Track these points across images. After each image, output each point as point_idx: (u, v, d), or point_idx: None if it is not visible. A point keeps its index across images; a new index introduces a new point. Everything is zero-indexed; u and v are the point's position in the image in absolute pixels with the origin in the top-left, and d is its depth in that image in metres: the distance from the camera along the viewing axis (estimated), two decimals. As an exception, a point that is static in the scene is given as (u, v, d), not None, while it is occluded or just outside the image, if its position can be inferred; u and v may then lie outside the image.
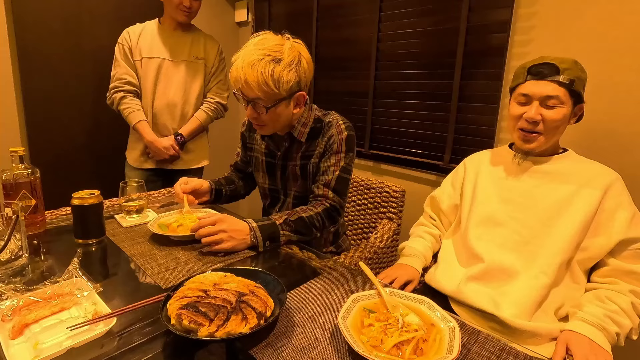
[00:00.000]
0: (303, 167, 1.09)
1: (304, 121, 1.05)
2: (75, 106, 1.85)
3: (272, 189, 1.19)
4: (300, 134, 1.06)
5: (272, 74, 0.89)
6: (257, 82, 0.89)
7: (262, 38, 0.93)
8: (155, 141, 1.59)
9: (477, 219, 0.96)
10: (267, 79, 0.89)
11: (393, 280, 0.96)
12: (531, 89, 0.87)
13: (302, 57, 0.94)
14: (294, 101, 0.98)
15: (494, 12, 1.35)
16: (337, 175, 1.04)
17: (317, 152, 1.06)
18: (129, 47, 1.57)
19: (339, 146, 1.04)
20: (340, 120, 1.06)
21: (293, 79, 0.92)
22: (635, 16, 1.06)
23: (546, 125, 0.86)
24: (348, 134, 1.05)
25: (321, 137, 1.06)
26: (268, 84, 0.89)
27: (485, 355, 0.57)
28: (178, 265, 0.80)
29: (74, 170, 1.89)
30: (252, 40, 0.93)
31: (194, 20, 1.71)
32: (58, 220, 1.04)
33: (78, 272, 0.71)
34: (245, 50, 0.91)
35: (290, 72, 0.91)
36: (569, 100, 0.85)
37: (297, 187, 1.13)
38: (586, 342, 0.73)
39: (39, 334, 0.56)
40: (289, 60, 0.91)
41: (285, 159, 1.11)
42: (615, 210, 0.82)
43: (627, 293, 0.79)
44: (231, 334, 0.54)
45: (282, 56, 0.90)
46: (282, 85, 0.91)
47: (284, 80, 0.90)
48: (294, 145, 1.09)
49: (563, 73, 0.83)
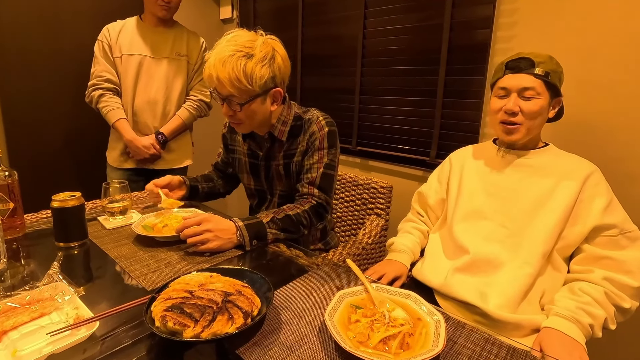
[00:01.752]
0: (286, 166, 1.08)
1: (284, 119, 1.04)
2: (55, 106, 1.79)
3: (258, 189, 1.19)
4: (281, 133, 1.05)
5: (244, 69, 0.88)
6: (229, 78, 0.88)
7: (235, 35, 0.92)
8: (134, 140, 1.55)
9: (462, 213, 0.98)
10: (239, 75, 0.88)
11: (381, 276, 0.97)
12: (509, 82, 0.90)
13: (276, 52, 0.93)
14: (270, 98, 0.97)
15: (477, 8, 1.36)
16: (321, 173, 1.04)
17: (300, 150, 1.06)
18: (108, 44, 1.54)
19: (321, 143, 1.03)
20: (320, 117, 1.06)
21: (267, 75, 0.91)
22: (613, 13, 1.09)
23: (525, 116, 0.89)
24: (329, 130, 1.04)
25: (302, 135, 1.05)
26: (240, 80, 0.88)
27: (470, 347, 0.58)
28: (163, 266, 0.79)
29: (55, 172, 1.83)
30: (225, 38, 0.92)
31: (178, 17, 1.67)
32: (38, 224, 1.01)
33: (58, 276, 0.69)
34: (218, 47, 0.90)
35: (263, 67, 0.90)
36: (546, 92, 0.88)
37: (282, 187, 1.12)
38: (558, 339, 0.74)
39: (17, 341, 0.54)
40: (261, 55, 0.90)
41: (268, 159, 1.10)
42: (592, 199, 0.85)
43: (601, 281, 0.81)
44: (217, 334, 0.53)
45: (254, 52, 0.89)
46: (255, 81, 0.90)
47: (256, 75, 0.89)
48: (276, 144, 1.08)
49: (538, 66, 0.87)
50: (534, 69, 0.87)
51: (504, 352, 0.57)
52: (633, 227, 0.83)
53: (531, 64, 0.87)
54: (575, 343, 0.74)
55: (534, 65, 0.87)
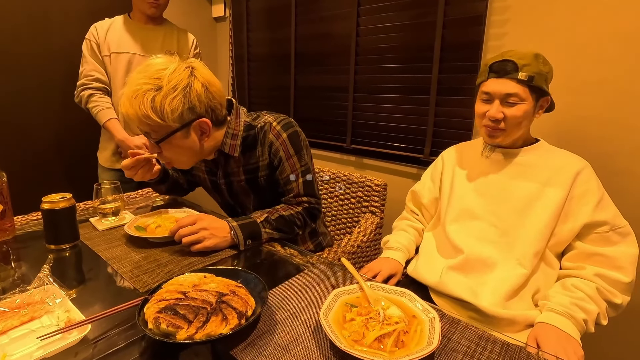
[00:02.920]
0: (251, 182, 1.01)
1: (233, 132, 0.95)
2: (45, 106, 1.77)
3: (226, 205, 1.14)
4: (232, 148, 0.95)
5: (152, 104, 0.78)
6: (137, 116, 0.80)
7: (147, 64, 0.82)
8: (126, 139, 1.53)
9: (455, 212, 0.98)
10: (146, 111, 0.78)
11: (376, 274, 0.97)
12: (492, 87, 0.88)
13: (194, 79, 0.82)
14: (194, 130, 0.86)
15: (469, 6, 1.36)
16: (301, 182, 0.99)
17: (263, 165, 0.98)
18: (96, 42, 1.51)
19: (286, 151, 0.96)
20: (273, 122, 0.96)
21: (180, 107, 0.80)
22: (602, 10, 1.10)
23: (507, 122, 0.88)
24: (289, 134, 0.96)
25: (260, 147, 0.97)
26: (149, 117, 0.79)
27: (464, 344, 0.58)
28: (156, 267, 0.78)
29: (45, 173, 1.81)
30: (138, 68, 0.83)
31: (170, 16, 1.66)
32: (29, 226, 1.00)
33: (49, 279, 0.68)
34: (129, 80, 0.82)
35: (174, 99, 0.79)
36: (530, 96, 0.86)
37: (252, 202, 1.06)
38: (553, 334, 0.75)
39: (7, 346, 0.54)
40: (170, 87, 0.79)
41: (227, 176, 1.03)
42: (583, 196, 0.85)
43: (593, 278, 0.82)
44: (211, 335, 0.53)
45: (162, 83, 0.79)
46: (167, 116, 0.80)
47: (166, 110, 0.79)
48: (231, 160, 0.99)
49: (522, 70, 0.84)
50: (517, 73, 0.84)
51: (499, 348, 0.57)
52: (624, 222, 0.84)
53: (514, 67, 0.84)
54: (570, 338, 0.75)
55: (518, 69, 0.84)
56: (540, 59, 0.86)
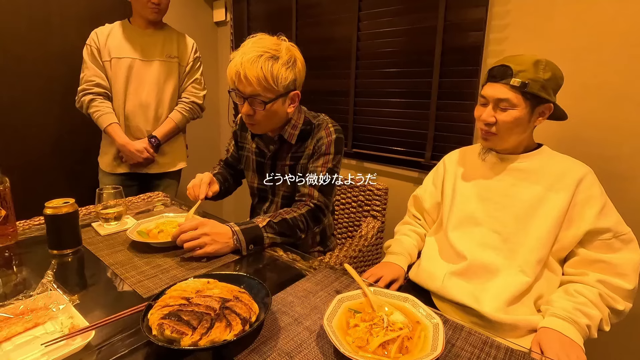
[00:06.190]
0: (292, 168, 1.11)
1: (294, 123, 1.08)
2: (46, 111, 1.77)
3: (261, 189, 1.20)
4: (290, 136, 1.08)
5: (271, 70, 0.92)
6: (256, 77, 0.92)
7: (260, 38, 0.97)
8: (127, 144, 1.54)
9: (457, 218, 0.98)
10: (266, 75, 0.92)
11: (378, 278, 0.97)
12: (487, 92, 0.89)
13: (297, 58, 0.99)
14: (289, 99, 1.01)
15: (470, 10, 1.37)
16: (323, 176, 1.06)
17: (306, 154, 1.08)
18: (97, 48, 1.52)
19: (328, 148, 1.06)
20: (329, 123, 1.09)
21: (290, 77, 0.96)
22: (603, 14, 1.10)
23: (499, 127, 0.89)
24: (337, 137, 1.07)
25: (310, 139, 1.08)
26: (267, 80, 0.92)
27: (468, 350, 0.58)
28: (159, 272, 0.78)
29: (46, 178, 1.81)
30: (250, 40, 0.97)
31: (171, 21, 1.66)
32: (31, 231, 1.00)
33: (52, 285, 0.68)
34: (244, 48, 0.95)
35: (287, 70, 0.95)
36: (523, 103, 0.85)
37: (285, 187, 1.13)
38: (556, 339, 0.75)
39: (11, 352, 0.54)
40: (286, 58, 0.95)
41: (274, 159, 1.13)
42: (586, 202, 0.84)
43: (595, 284, 0.82)
44: (215, 341, 0.53)
45: (280, 54, 0.94)
46: (280, 82, 0.94)
47: (282, 77, 0.94)
48: (284, 146, 1.10)
49: (516, 76, 0.83)
50: (511, 79, 0.84)
51: (502, 354, 0.57)
52: (627, 229, 0.84)
53: (509, 73, 0.84)
54: (573, 343, 0.74)
55: (512, 74, 0.84)
56: (540, 66, 0.84)
